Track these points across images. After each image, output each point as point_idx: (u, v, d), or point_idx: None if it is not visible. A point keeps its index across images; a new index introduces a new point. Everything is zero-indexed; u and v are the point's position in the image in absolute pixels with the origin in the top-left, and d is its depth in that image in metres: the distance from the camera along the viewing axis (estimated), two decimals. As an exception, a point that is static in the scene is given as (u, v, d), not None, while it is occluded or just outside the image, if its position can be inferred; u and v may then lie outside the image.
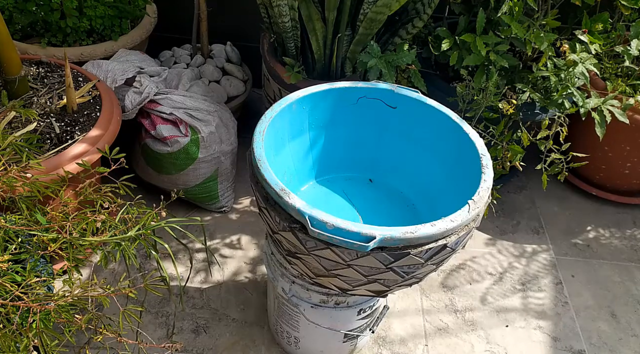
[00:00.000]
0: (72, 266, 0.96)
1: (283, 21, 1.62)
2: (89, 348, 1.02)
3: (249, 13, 1.92)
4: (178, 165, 1.65)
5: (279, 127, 1.15)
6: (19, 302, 0.87)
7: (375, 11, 1.53)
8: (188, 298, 1.58)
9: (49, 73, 1.60)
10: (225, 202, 1.81)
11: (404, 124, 1.24)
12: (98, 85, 1.56)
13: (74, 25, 1.79)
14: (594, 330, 1.61)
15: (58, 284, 1.06)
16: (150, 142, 1.65)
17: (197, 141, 1.62)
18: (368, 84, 1.23)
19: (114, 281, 1.56)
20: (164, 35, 2.10)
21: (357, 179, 1.35)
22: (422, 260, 0.96)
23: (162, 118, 1.63)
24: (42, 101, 1.50)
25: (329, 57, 1.70)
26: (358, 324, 1.30)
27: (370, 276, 0.99)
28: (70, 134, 1.43)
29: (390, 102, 1.23)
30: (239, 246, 1.74)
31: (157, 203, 1.02)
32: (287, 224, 0.95)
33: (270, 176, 0.98)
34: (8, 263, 0.91)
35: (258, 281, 1.65)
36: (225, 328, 1.52)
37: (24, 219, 0.97)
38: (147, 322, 1.50)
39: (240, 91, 1.95)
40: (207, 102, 1.67)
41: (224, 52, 2.03)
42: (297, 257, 1.03)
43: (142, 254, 1.63)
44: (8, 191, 0.99)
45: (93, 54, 1.79)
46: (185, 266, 1.65)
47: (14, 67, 1.44)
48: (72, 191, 1.17)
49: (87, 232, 0.94)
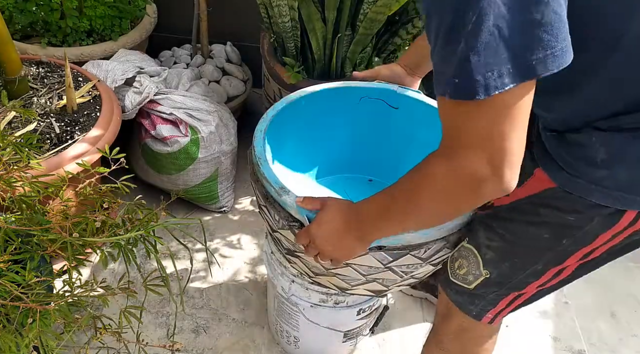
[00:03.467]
0: (72, 266, 0.95)
1: (283, 21, 1.62)
2: (89, 348, 1.02)
3: (249, 13, 1.92)
4: (178, 165, 1.65)
5: (280, 126, 1.15)
6: (19, 302, 0.87)
7: (375, 11, 1.53)
8: (188, 298, 1.58)
9: (49, 73, 1.60)
10: (225, 202, 1.81)
11: (406, 124, 1.24)
12: (98, 86, 1.56)
13: (74, 25, 1.79)
14: (594, 330, 1.61)
15: (58, 284, 1.06)
16: (150, 142, 1.65)
17: (197, 141, 1.62)
18: (370, 84, 1.23)
19: (114, 281, 1.56)
20: (164, 35, 2.10)
21: (357, 179, 1.35)
22: (421, 260, 0.96)
23: (162, 118, 1.63)
24: (42, 101, 1.50)
25: (329, 57, 1.70)
26: (358, 324, 1.30)
27: (369, 276, 0.99)
28: (70, 134, 1.43)
29: (392, 103, 1.23)
30: (239, 246, 1.74)
31: (157, 203, 1.02)
32: (286, 223, 0.95)
33: (271, 174, 0.98)
34: (8, 263, 0.91)
35: (258, 281, 1.65)
36: (225, 328, 1.52)
37: (24, 219, 0.97)
38: (147, 322, 1.50)
39: (240, 91, 1.95)
40: (207, 102, 1.67)
41: (224, 52, 2.03)
42: (296, 255, 1.03)
43: (142, 254, 1.63)
44: (8, 191, 0.99)
45: (93, 54, 1.79)
46: (186, 266, 1.65)
47: (14, 67, 1.44)
48: (72, 191, 1.17)
49: (87, 232, 0.94)
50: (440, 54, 0.63)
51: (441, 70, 0.63)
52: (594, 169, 0.74)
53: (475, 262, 0.93)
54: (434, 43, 0.63)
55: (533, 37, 0.58)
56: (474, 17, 0.57)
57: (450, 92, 0.62)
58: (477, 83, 0.59)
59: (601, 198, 0.75)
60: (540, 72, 0.59)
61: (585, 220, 0.78)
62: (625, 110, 0.71)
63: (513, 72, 0.59)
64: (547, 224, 0.82)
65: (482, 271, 0.92)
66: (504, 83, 0.59)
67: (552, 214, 0.81)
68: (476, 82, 0.59)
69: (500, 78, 0.59)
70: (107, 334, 0.99)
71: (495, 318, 0.98)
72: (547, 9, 0.57)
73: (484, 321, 0.98)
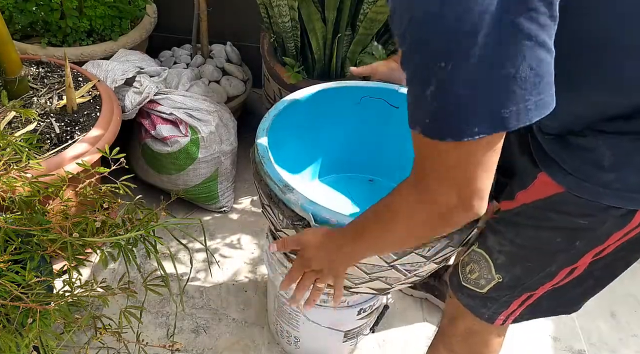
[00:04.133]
0: (72, 266, 0.95)
1: (283, 21, 1.62)
2: (89, 348, 1.02)
3: (249, 13, 1.92)
4: (178, 165, 1.65)
5: (281, 125, 1.15)
6: (19, 302, 0.87)
7: (375, 11, 1.53)
8: (188, 298, 1.58)
9: (49, 73, 1.60)
10: (225, 202, 1.81)
11: (406, 123, 1.24)
12: (98, 86, 1.56)
13: (74, 25, 1.79)
14: (594, 330, 1.61)
15: (58, 284, 1.06)
16: (150, 142, 1.65)
17: (197, 141, 1.62)
18: (371, 84, 1.23)
19: (114, 281, 1.56)
20: (164, 35, 2.10)
21: (358, 179, 1.35)
22: (425, 258, 0.96)
23: (162, 118, 1.63)
24: (42, 101, 1.50)
25: (329, 57, 1.70)
26: (358, 323, 1.30)
27: (373, 274, 0.99)
28: (70, 134, 1.43)
29: (393, 102, 1.23)
30: (239, 246, 1.74)
31: (157, 203, 1.02)
32: (290, 221, 0.95)
33: (274, 172, 0.98)
34: (8, 263, 0.91)
35: (258, 281, 1.65)
36: (225, 328, 1.52)
37: (24, 219, 0.96)
38: (147, 322, 1.50)
39: (240, 91, 1.95)
40: (207, 102, 1.67)
41: (224, 52, 2.03)
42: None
43: (142, 254, 1.63)
44: (8, 191, 0.99)
45: (93, 54, 1.79)
46: (185, 266, 1.65)
47: (14, 67, 1.44)
48: (72, 191, 1.17)
49: (87, 232, 0.94)
50: (413, 92, 0.63)
51: (414, 105, 0.63)
52: (601, 172, 0.74)
53: (486, 266, 0.93)
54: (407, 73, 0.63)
55: (507, 91, 0.57)
56: (449, 66, 0.56)
57: (421, 129, 0.62)
58: (448, 128, 0.59)
59: (612, 200, 0.74)
60: (512, 125, 0.58)
61: (597, 223, 0.78)
62: (630, 113, 0.70)
63: (485, 123, 0.58)
64: (559, 229, 0.82)
65: (494, 275, 0.92)
66: (474, 132, 0.58)
67: (563, 219, 0.80)
68: (447, 127, 0.59)
69: (471, 127, 0.58)
70: (107, 334, 0.99)
71: (507, 319, 0.98)
72: (523, 63, 0.56)
73: (497, 324, 0.98)
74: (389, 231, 0.77)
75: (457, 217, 0.68)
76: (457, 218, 0.68)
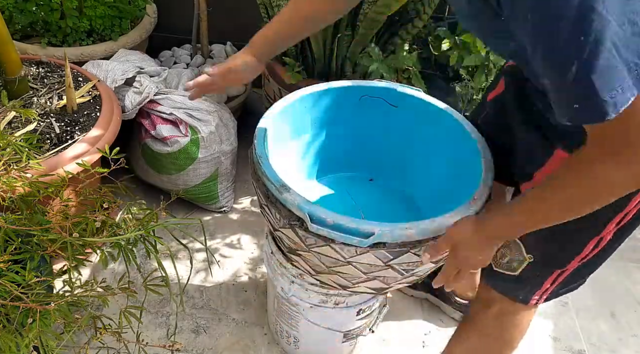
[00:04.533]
0: (72, 266, 0.95)
1: (283, 21, 1.62)
2: (89, 348, 1.02)
3: (249, 13, 1.92)
4: (178, 165, 1.65)
5: (280, 125, 1.15)
6: (19, 302, 0.87)
7: (375, 11, 1.53)
8: (188, 298, 1.58)
9: (49, 73, 1.60)
10: (225, 202, 1.81)
11: (406, 122, 1.24)
12: (98, 86, 1.56)
13: (74, 25, 1.79)
14: (594, 330, 1.61)
15: (58, 284, 1.06)
16: (150, 142, 1.65)
17: (197, 141, 1.62)
18: (370, 83, 1.23)
19: (114, 281, 1.56)
20: (164, 35, 2.10)
21: (358, 178, 1.35)
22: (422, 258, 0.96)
23: (162, 118, 1.63)
24: (42, 101, 1.50)
25: (329, 57, 1.70)
26: (357, 324, 1.30)
27: (370, 273, 0.99)
28: (70, 134, 1.43)
29: (392, 101, 1.23)
30: (239, 246, 1.74)
31: (157, 203, 1.02)
32: (287, 221, 0.95)
33: (272, 172, 0.98)
34: (8, 263, 0.91)
35: (258, 281, 1.65)
36: (225, 328, 1.52)
37: (24, 219, 0.97)
38: (147, 322, 1.50)
39: (240, 91, 1.95)
40: (207, 102, 1.67)
41: (224, 52, 2.03)
42: (298, 254, 1.03)
43: (142, 254, 1.63)
44: (8, 191, 0.99)
45: (93, 54, 1.79)
46: (185, 266, 1.65)
47: (14, 67, 1.44)
48: (72, 191, 1.17)
49: (87, 232, 0.94)
50: (556, 84, 0.65)
51: (566, 97, 0.66)
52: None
53: (517, 248, 0.99)
54: (545, 73, 0.65)
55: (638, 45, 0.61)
56: (591, 39, 0.59)
57: (581, 118, 0.66)
58: (605, 103, 0.62)
59: None
60: None
61: None
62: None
63: (633, 84, 0.62)
64: None
65: (525, 256, 0.97)
66: (627, 98, 0.62)
67: None
68: (604, 103, 0.62)
69: (623, 94, 0.62)
70: (107, 334, 0.99)
71: (540, 298, 1.03)
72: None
73: (531, 304, 1.04)
74: (590, 196, 0.76)
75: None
76: None
